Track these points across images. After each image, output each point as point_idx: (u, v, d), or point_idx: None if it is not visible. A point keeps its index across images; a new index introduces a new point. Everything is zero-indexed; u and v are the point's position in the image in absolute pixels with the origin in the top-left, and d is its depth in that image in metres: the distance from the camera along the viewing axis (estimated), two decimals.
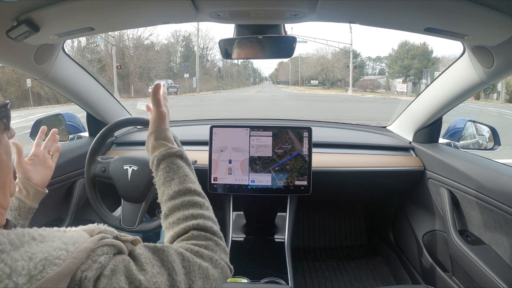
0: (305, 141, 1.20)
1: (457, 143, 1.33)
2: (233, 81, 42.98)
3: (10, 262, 0.32)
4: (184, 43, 33.99)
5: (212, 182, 1.21)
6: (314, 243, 1.92)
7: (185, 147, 0.73)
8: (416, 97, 1.36)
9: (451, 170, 1.16)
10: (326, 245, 1.92)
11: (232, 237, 1.26)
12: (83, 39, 21.11)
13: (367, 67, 40.19)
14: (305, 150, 1.20)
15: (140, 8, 0.74)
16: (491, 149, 1.28)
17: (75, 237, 0.37)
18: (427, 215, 1.38)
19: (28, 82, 13.16)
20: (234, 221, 1.31)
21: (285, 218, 1.28)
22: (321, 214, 1.94)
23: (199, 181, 0.63)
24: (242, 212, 1.36)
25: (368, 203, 1.94)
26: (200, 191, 0.60)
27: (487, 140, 1.31)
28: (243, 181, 1.21)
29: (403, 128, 1.49)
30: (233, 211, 1.31)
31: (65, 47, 1.05)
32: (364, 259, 1.81)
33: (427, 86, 1.29)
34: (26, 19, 0.71)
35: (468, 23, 0.73)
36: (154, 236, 1.23)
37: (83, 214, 1.30)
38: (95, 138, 1.01)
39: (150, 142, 0.66)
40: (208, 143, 1.21)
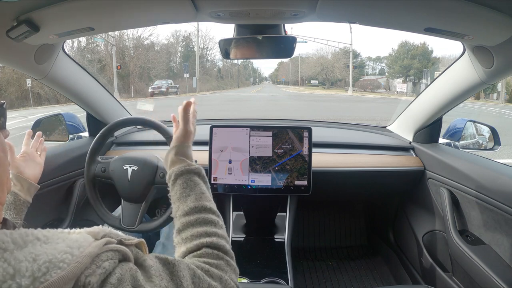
0: (305, 141, 1.20)
1: (457, 143, 1.33)
2: (233, 81, 42.90)
3: (14, 263, 0.31)
4: (184, 43, 33.95)
5: (212, 182, 1.21)
6: (314, 243, 1.92)
7: None
8: (416, 97, 1.36)
9: (451, 170, 1.16)
10: (326, 245, 1.92)
11: (232, 237, 1.26)
12: (83, 39, 21.10)
13: (367, 67, 40.18)
14: (305, 150, 1.20)
15: (140, 8, 0.74)
16: (491, 149, 1.28)
17: (80, 241, 0.36)
18: (427, 215, 1.38)
19: (28, 82, 13.15)
20: (234, 221, 1.31)
21: (285, 218, 1.28)
22: (321, 214, 1.94)
23: None
24: (242, 212, 1.36)
25: (368, 203, 1.94)
26: (215, 209, 0.60)
27: (487, 140, 1.31)
28: (243, 181, 1.21)
29: (403, 128, 1.49)
30: (233, 211, 1.31)
31: (65, 47, 1.05)
32: (364, 259, 1.81)
33: (427, 86, 1.29)
34: (26, 19, 0.71)
35: (468, 23, 0.73)
36: (154, 236, 1.23)
37: (83, 214, 1.30)
38: (95, 138, 1.01)
39: (170, 156, 0.67)
40: (208, 143, 1.21)
